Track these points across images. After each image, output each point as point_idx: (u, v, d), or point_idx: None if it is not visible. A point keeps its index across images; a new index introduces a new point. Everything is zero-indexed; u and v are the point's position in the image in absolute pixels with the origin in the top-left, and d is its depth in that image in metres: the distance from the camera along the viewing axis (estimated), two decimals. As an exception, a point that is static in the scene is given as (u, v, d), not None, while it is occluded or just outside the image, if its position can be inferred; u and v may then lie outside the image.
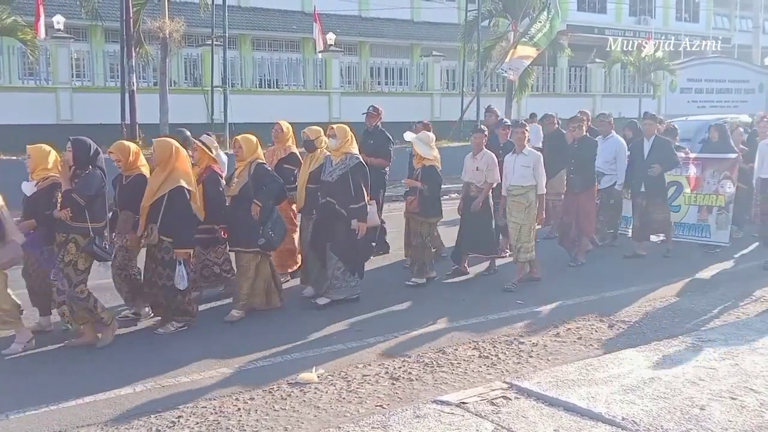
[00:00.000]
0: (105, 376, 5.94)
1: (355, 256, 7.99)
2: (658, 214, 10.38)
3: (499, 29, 27.90)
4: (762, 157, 9.85)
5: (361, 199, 7.80)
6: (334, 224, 7.81)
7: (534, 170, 8.71)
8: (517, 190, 8.81)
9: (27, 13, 20.76)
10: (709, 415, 4.79)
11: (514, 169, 8.84)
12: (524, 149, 8.83)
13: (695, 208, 10.93)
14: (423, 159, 8.86)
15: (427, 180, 8.80)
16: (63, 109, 20.81)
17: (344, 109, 24.75)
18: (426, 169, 8.83)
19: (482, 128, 9.48)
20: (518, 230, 8.78)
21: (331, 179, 7.83)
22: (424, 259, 8.92)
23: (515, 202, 8.81)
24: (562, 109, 27.98)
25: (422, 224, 8.93)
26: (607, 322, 7.43)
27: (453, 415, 4.84)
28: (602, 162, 10.71)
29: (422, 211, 8.86)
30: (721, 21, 46.14)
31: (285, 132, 8.94)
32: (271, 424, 5.05)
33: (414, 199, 8.86)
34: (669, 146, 10.43)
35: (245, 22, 29.39)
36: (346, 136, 7.95)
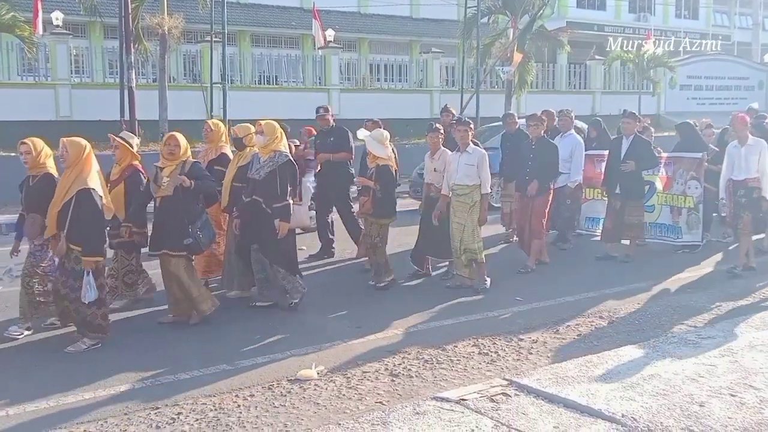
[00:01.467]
0: (105, 373, 5.93)
1: (286, 256, 7.69)
2: (632, 216, 9.99)
3: (498, 26, 27.88)
4: (731, 159, 9.30)
5: (285, 198, 7.48)
6: (261, 224, 7.50)
7: (479, 169, 8.36)
8: (461, 189, 8.45)
9: (26, 9, 20.75)
10: (708, 411, 4.79)
11: (458, 168, 8.49)
12: (468, 147, 8.48)
13: (668, 208, 10.71)
14: (377, 158, 8.50)
15: (381, 180, 8.47)
16: (62, 105, 20.80)
17: (343, 106, 24.73)
18: (380, 169, 8.49)
19: (437, 127, 9.07)
20: (462, 231, 8.43)
21: (258, 177, 7.52)
22: (379, 260, 8.65)
23: (459, 202, 8.45)
24: (562, 106, 27.97)
25: (373, 225, 8.61)
26: (606, 319, 7.43)
27: (453, 412, 4.84)
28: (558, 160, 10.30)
29: (375, 212, 8.53)
30: (721, 18, 46.11)
31: (214, 131, 8.58)
32: (271, 420, 5.05)
33: (367, 199, 8.52)
34: (648, 146, 10.21)
35: (244, 19, 29.35)
36: (274, 133, 7.62)
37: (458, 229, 8.45)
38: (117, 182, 7.60)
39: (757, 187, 9.00)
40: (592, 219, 11.31)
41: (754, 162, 9.00)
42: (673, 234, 10.64)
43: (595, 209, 11.21)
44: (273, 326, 7.26)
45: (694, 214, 10.41)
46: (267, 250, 7.56)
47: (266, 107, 19.53)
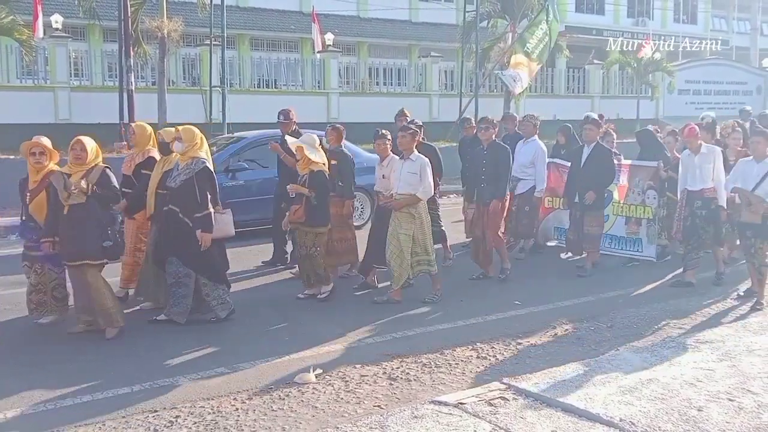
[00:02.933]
0: (102, 376, 5.93)
1: (215, 268, 7.37)
2: (591, 227, 9.52)
3: (497, 30, 27.93)
4: (686, 168, 8.84)
5: (205, 207, 7.12)
6: (178, 235, 7.16)
7: (420, 176, 7.99)
8: (403, 198, 8.06)
9: (25, 12, 20.76)
10: (706, 416, 4.79)
11: (400, 176, 8.09)
12: (412, 154, 8.12)
13: (623, 219, 10.20)
14: (310, 163, 8.10)
15: (315, 186, 8.05)
16: (61, 108, 20.80)
17: (342, 110, 24.76)
18: (313, 175, 8.07)
19: (383, 133, 8.64)
20: (410, 241, 8.04)
21: (174, 185, 7.19)
22: (316, 269, 8.23)
23: (404, 212, 8.03)
24: (561, 110, 28.14)
25: (308, 234, 8.16)
26: (604, 324, 7.43)
27: (451, 416, 4.84)
28: (518, 166, 10.17)
29: (308, 221, 8.09)
30: (719, 23, 46.19)
31: (139, 134, 8.12)
32: (269, 424, 5.05)
33: (299, 207, 8.08)
34: (609, 155, 9.72)
35: (243, 22, 29.38)
36: (193, 139, 7.27)
37: (406, 241, 8.02)
38: (38, 190, 7.10)
39: (714, 198, 8.59)
40: (560, 229, 10.86)
41: (708, 171, 8.61)
42: (631, 246, 10.11)
43: (561, 219, 10.71)
44: (271, 329, 7.26)
45: (653, 227, 9.95)
46: (189, 262, 7.20)
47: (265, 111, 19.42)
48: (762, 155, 7.84)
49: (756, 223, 7.74)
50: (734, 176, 8.13)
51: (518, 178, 10.25)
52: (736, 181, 8.00)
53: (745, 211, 7.82)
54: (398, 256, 8.02)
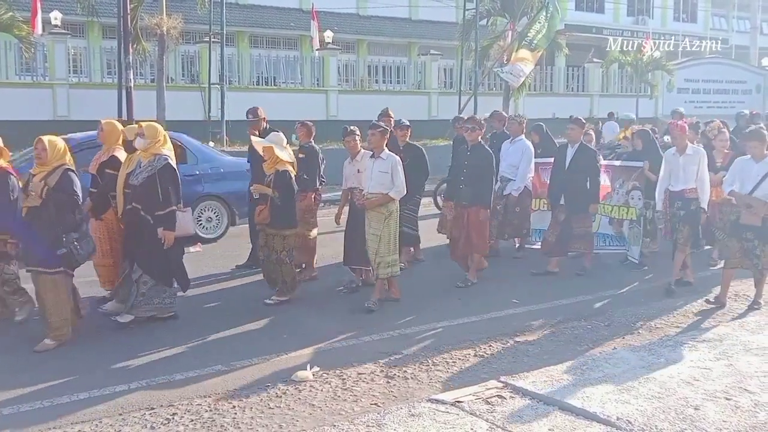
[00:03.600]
0: (99, 373, 5.93)
1: (163, 268, 7.18)
2: (579, 228, 9.34)
3: (497, 28, 27.91)
4: (669, 168, 8.57)
5: (168, 204, 6.99)
6: (141, 232, 7.05)
7: (392, 176, 7.80)
8: (375, 197, 7.88)
9: (24, 8, 20.75)
10: (703, 415, 4.80)
11: (371, 175, 7.90)
12: (383, 153, 7.91)
13: (606, 218, 10.09)
14: (276, 163, 7.89)
15: (280, 187, 7.82)
16: (60, 105, 20.79)
17: (341, 107, 24.76)
18: (279, 175, 7.85)
19: (352, 130, 8.51)
20: (378, 242, 7.83)
21: (137, 182, 7.06)
22: (285, 276, 7.96)
23: (374, 212, 7.86)
24: (560, 108, 28.14)
25: (275, 237, 7.90)
26: (602, 322, 7.43)
27: (448, 414, 4.84)
28: (507, 166, 10.10)
29: (274, 223, 7.84)
30: (719, 22, 46.21)
31: (106, 132, 7.80)
32: (266, 422, 5.05)
33: (264, 208, 7.85)
34: (593, 155, 9.53)
35: (243, 19, 29.36)
36: (156, 135, 7.13)
37: (374, 240, 7.87)
38: None
39: (695, 199, 8.37)
40: (539, 231, 10.43)
41: (692, 172, 8.38)
42: (622, 242, 10.07)
43: (543, 221, 10.31)
44: (269, 327, 7.26)
45: (636, 228, 9.77)
46: (140, 260, 7.09)
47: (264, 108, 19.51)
48: (761, 155, 7.66)
49: (756, 225, 7.58)
50: (732, 176, 7.90)
51: (507, 178, 10.14)
52: (734, 182, 7.80)
53: (744, 213, 7.67)
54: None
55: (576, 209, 9.32)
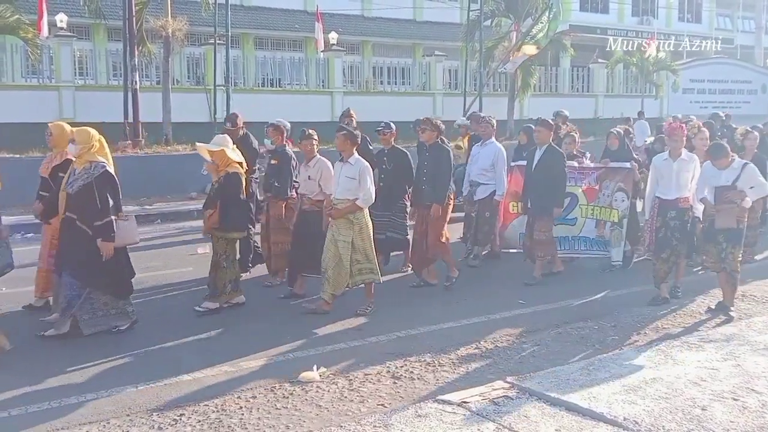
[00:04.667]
0: (106, 374, 5.96)
1: (109, 279, 6.91)
2: (541, 233, 9.06)
3: (501, 29, 27.91)
4: (658, 174, 8.08)
5: (106, 214, 6.70)
6: (75, 244, 6.74)
7: (359, 182, 7.53)
8: (341, 203, 7.58)
9: (30, 11, 20.79)
10: (710, 415, 4.79)
11: (338, 180, 7.65)
12: (351, 157, 7.64)
13: (592, 221, 9.84)
14: (227, 165, 7.68)
15: (228, 189, 7.63)
16: (66, 107, 20.82)
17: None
18: (228, 177, 7.64)
19: (310, 133, 8.21)
20: (350, 248, 7.54)
21: (71, 191, 6.75)
22: (217, 281, 7.69)
23: (343, 218, 7.57)
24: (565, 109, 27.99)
25: (219, 241, 7.68)
26: (608, 323, 7.42)
27: (455, 415, 4.84)
28: (478, 170, 9.84)
29: (222, 225, 7.61)
30: (724, 22, 46.10)
31: (55, 135, 7.59)
32: (273, 422, 5.06)
33: (214, 212, 7.59)
34: (560, 158, 9.13)
35: (248, 21, 29.38)
36: (89, 141, 6.86)
37: (345, 248, 7.53)
38: None
39: (689, 208, 7.94)
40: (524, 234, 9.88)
41: (686, 179, 7.88)
42: (602, 247, 9.87)
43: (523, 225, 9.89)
44: (275, 328, 7.27)
45: (618, 230, 9.63)
46: (81, 275, 6.77)
47: (269, 110, 19.50)
48: (725, 166, 7.46)
49: (732, 227, 7.38)
50: (702, 183, 7.69)
51: (478, 183, 9.87)
52: (704, 188, 7.63)
53: (719, 217, 7.42)
54: (336, 264, 7.58)
55: (539, 212, 9.07)
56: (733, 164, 7.49)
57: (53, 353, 6.49)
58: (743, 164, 7.57)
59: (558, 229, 9.61)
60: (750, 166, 7.59)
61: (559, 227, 9.69)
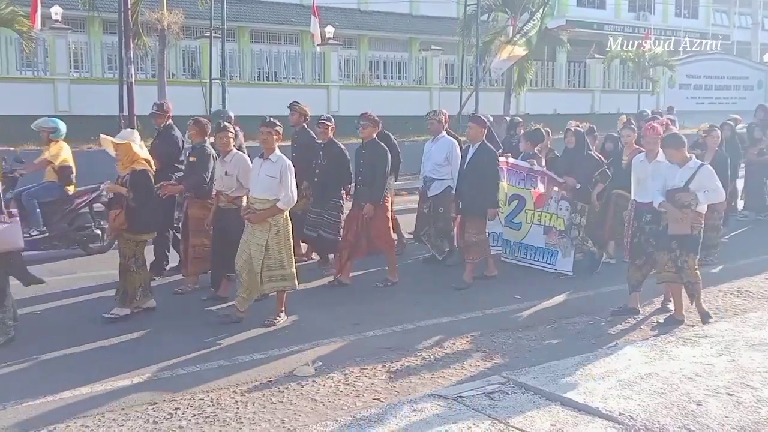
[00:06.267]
0: (102, 368, 5.94)
1: None
2: (471, 235, 8.69)
3: (498, 24, 27.92)
4: (638, 177, 7.66)
5: None
6: None
7: (281, 181, 7.04)
8: (260, 204, 7.07)
9: (25, 3, 20.70)
10: (705, 410, 4.79)
11: (258, 179, 7.15)
12: (272, 154, 7.14)
13: (539, 228, 9.36)
14: (133, 162, 7.22)
15: (137, 187, 7.17)
16: (61, 100, 20.75)
17: (342, 103, 24.71)
18: (135, 174, 7.19)
19: (225, 126, 7.79)
20: (262, 252, 7.03)
21: None
22: (127, 285, 7.23)
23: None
24: (561, 104, 28.13)
25: (128, 243, 7.24)
26: (604, 318, 7.43)
27: (450, 409, 4.84)
28: (432, 165, 9.49)
29: (130, 226, 7.18)
30: (720, 17, 46.13)
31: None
32: (269, 416, 5.05)
33: (120, 212, 7.15)
34: (492, 157, 8.79)
35: (244, 15, 29.32)
36: None
37: (258, 251, 7.03)
38: None
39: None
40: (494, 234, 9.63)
41: None
42: (547, 258, 9.31)
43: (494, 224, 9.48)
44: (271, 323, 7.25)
45: (566, 239, 9.13)
46: None
47: (265, 103, 19.48)
48: (682, 160, 6.96)
49: (685, 234, 6.91)
50: (659, 182, 7.16)
51: (432, 179, 9.51)
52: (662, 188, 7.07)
53: (671, 222, 6.95)
54: (250, 269, 7.11)
55: (470, 213, 8.70)
56: (689, 163, 6.96)
57: (45, 347, 6.47)
58: (699, 165, 6.98)
59: (504, 231, 9.54)
60: (706, 168, 6.98)
61: (505, 230, 9.61)
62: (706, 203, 6.96)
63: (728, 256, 10.18)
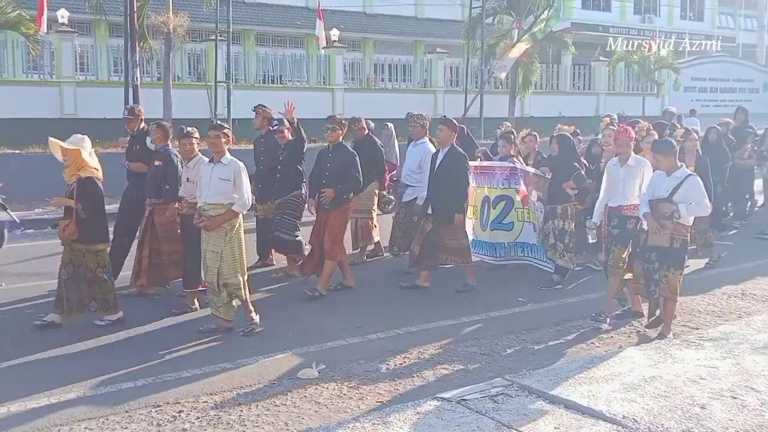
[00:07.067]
0: (106, 371, 5.95)
1: None
2: (451, 240, 8.52)
3: (503, 26, 27.89)
4: (610, 180, 7.39)
5: None
6: None
7: (234, 184, 6.85)
8: (213, 209, 6.85)
9: (31, 6, 20.78)
10: (709, 413, 4.78)
11: (209, 183, 6.89)
12: (224, 157, 6.93)
13: (530, 225, 9.10)
14: (80, 169, 6.93)
15: (85, 197, 6.91)
16: (67, 103, 20.82)
17: (347, 106, 24.72)
18: (82, 182, 6.92)
19: (189, 131, 7.58)
20: (218, 261, 6.81)
21: None
22: (106, 294, 7.09)
23: None
24: (566, 107, 28.09)
25: (85, 254, 6.99)
26: (608, 321, 7.41)
27: (454, 412, 4.84)
28: (407, 171, 9.41)
29: (83, 237, 6.90)
30: (726, 20, 46.00)
31: None
32: (272, 419, 5.06)
33: (69, 222, 6.88)
34: (462, 161, 8.57)
35: (249, 18, 29.36)
36: None
37: (213, 259, 6.83)
38: None
39: (633, 217, 7.12)
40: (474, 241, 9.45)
41: (634, 186, 7.17)
42: (540, 255, 9.05)
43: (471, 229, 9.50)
44: (274, 325, 7.26)
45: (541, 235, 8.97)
46: None
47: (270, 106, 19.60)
48: (671, 167, 6.70)
49: (664, 246, 6.61)
50: (648, 191, 6.88)
51: (406, 185, 9.39)
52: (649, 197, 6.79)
53: (652, 234, 6.64)
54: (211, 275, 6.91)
55: (442, 218, 8.50)
56: (677, 172, 6.67)
57: (50, 350, 6.49)
58: (686, 175, 6.68)
59: (496, 234, 9.35)
60: (694, 179, 6.67)
61: (497, 232, 9.36)
62: (689, 216, 6.64)
63: (732, 258, 10.16)
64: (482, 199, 9.42)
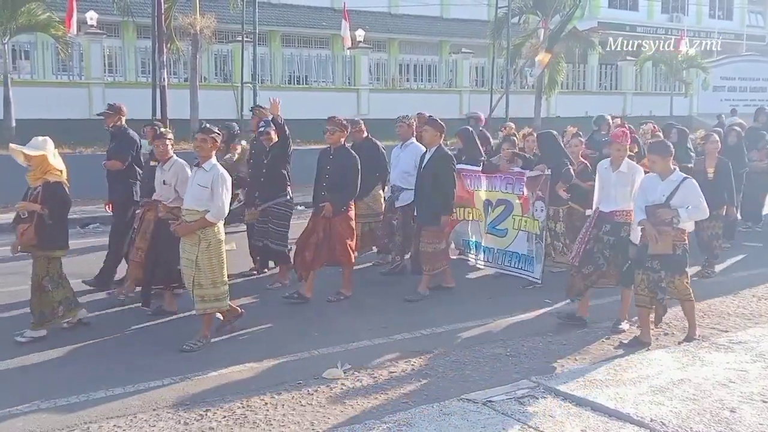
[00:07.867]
0: (134, 369, 6.01)
1: None
2: (427, 244, 8.33)
3: (529, 26, 27.79)
4: (602, 184, 7.14)
5: None
6: None
7: (212, 191, 6.51)
8: (189, 214, 6.59)
9: (61, 9, 21.06)
10: (739, 417, 4.73)
11: (190, 188, 6.73)
12: (207, 162, 6.65)
13: (524, 234, 8.79)
14: (45, 173, 6.74)
15: (51, 201, 6.68)
16: (96, 104, 21.04)
17: (372, 106, 24.78)
18: (48, 187, 6.71)
19: (163, 132, 7.55)
20: (194, 269, 6.53)
21: None
22: (43, 306, 6.77)
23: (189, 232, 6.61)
24: (592, 107, 27.86)
25: (40, 260, 6.78)
26: (636, 323, 7.34)
27: (479, 414, 4.82)
28: (399, 173, 9.09)
29: (42, 243, 6.67)
30: (756, 18, 45.43)
31: None
32: (298, 419, 5.08)
33: (29, 226, 6.61)
34: (449, 162, 8.38)
35: (275, 19, 29.52)
36: None
37: (188, 267, 6.59)
38: None
39: (626, 224, 6.94)
40: (467, 242, 9.72)
41: (625, 193, 6.92)
42: (525, 265, 8.79)
43: (466, 230, 9.65)
44: (300, 325, 7.29)
45: (540, 243, 8.58)
46: None
47: (296, 107, 19.55)
48: (665, 171, 6.51)
49: (667, 253, 6.40)
50: (641, 197, 6.64)
51: (400, 188, 9.08)
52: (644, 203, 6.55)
53: (652, 243, 6.41)
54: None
55: (425, 221, 8.35)
56: (672, 176, 6.46)
57: (79, 349, 6.57)
58: (682, 178, 6.47)
59: (486, 238, 9.25)
60: (690, 182, 6.47)
61: (488, 236, 9.25)
62: (689, 221, 6.48)
63: (762, 260, 10.04)
64: (484, 202, 9.33)
